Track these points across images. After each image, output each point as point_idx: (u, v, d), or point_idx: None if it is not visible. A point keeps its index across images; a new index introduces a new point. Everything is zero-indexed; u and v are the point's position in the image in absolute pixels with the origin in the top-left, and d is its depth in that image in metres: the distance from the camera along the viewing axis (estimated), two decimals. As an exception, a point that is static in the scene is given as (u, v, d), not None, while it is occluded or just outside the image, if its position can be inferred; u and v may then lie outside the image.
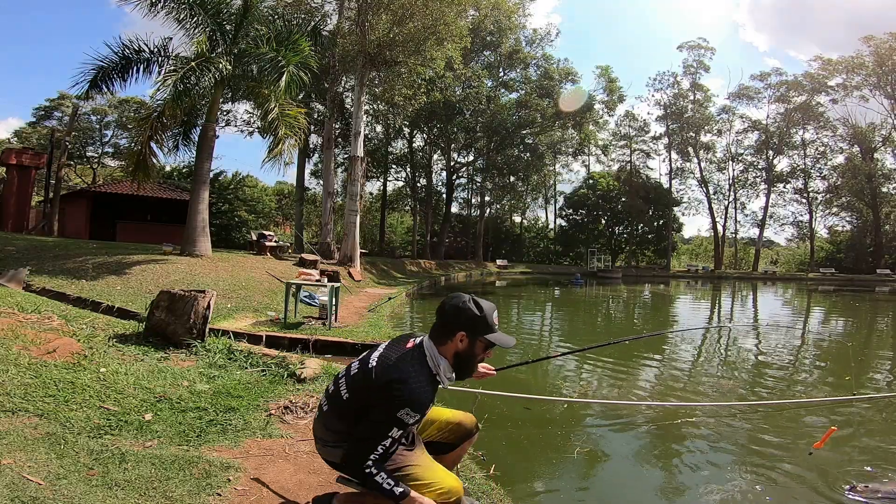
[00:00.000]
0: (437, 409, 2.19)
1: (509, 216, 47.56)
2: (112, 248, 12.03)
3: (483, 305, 1.79)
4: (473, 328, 1.76)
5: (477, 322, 1.76)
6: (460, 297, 1.81)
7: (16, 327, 4.20)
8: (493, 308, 1.81)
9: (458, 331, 1.76)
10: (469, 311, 1.76)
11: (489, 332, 1.78)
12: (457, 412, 2.22)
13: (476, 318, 1.76)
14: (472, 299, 1.80)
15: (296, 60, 10.99)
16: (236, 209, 33.82)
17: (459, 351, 1.78)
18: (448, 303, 1.82)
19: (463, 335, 1.76)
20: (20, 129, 38.60)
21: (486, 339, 1.78)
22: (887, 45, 35.73)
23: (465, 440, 2.18)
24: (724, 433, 4.27)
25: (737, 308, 18.61)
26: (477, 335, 1.77)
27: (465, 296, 1.82)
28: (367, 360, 1.81)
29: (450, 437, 2.14)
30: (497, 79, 33.83)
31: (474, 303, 1.78)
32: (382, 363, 1.76)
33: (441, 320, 1.81)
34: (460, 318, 1.76)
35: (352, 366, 1.88)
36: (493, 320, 1.79)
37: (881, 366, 7.79)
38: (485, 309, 1.78)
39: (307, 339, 6.16)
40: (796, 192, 42.53)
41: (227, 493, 2.43)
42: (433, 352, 1.78)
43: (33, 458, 2.46)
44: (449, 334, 1.77)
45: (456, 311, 1.78)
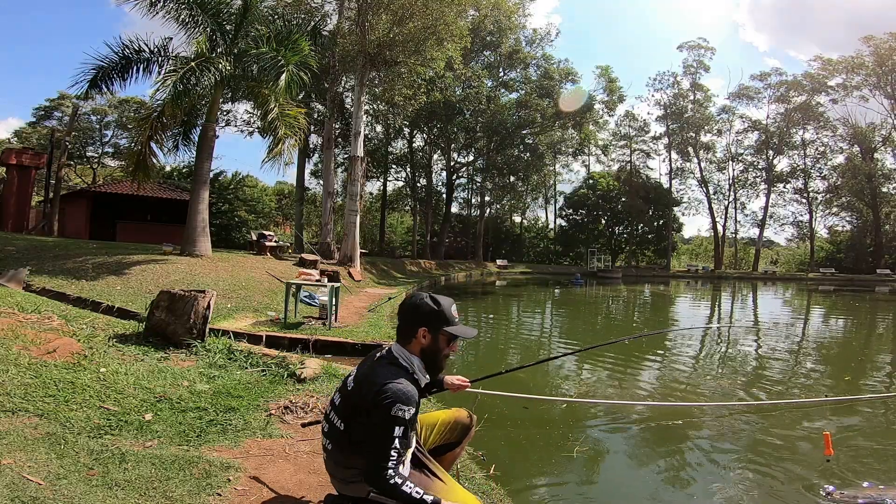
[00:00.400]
0: (433, 414, 2.21)
1: (509, 216, 47.56)
2: (112, 248, 12.03)
3: (440, 300, 1.83)
4: (433, 322, 1.80)
5: (435, 316, 1.80)
6: (418, 295, 1.87)
7: (16, 327, 4.20)
8: (450, 302, 1.85)
9: (418, 327, 1.80)
10: (426, 306, 1.81)
11: (449, 324, 1.82)
12: (450, 410, 2.25)
13: (434, 312, 1.80)
14: (430, 295, 1.85)
15: (295, 60, 10.99)
16: (236, 209, 33.81)
17: (424, 347, 1.81)
18: (406, 302, 1.87)
19: (424, 331, 1.80)
20: (20, 129, 38.62)
21: (448, 332, 1.82)
22: (887, 45, 35.72)
23: (466, 435, 2.20)
24: (723, 433, 4.27)
25: (736, 308, 18.61)
26: (438, 329, 1.80)
27: (423, 294, 1.87)
28: (346, 385, 1.86)
29: (451, 436, 2.16)
30: (497, 79, 33.82)
31: (431, 298, 1.84)
32: (359, 379, 1.80)
33: (402, 320, 1.85)
34: (419, 315, 1.81)
35: (334, 398, 1.91)
36: (451, 313, 1.83)
37: (881, 366, 7.79)
38: (442, 303, 1.82)
39: (307, 339, 6.16)
40: (796, 192, 42.55)
41: (227, 493, 2.43)
42: (402, 353, 1.81)
43: (33, 458, 2.46)
44: (411, 332, 1.81)
45: (414, 308, 1.83)
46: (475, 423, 2.25)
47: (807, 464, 3.63)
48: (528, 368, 7.10)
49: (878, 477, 3.34)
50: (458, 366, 7.19)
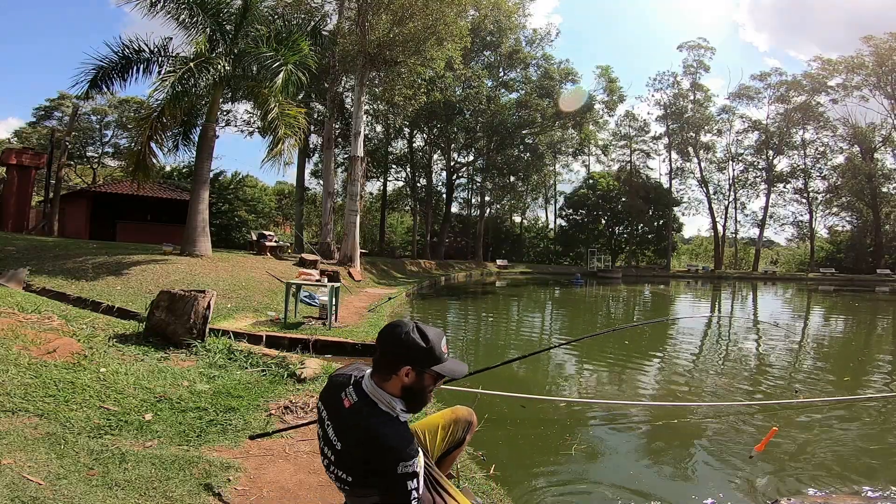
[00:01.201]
0: (431, 419, 2.15)
1: (509, 216, 47.55)
2: (112, 248, 12.03)
3: (429, 334, 1.58)
4: (420, 361, 1.55)
5: (424, 354, 1.55)
6: (402, 326, 1.59)
7: (16, 327, 4.20)
8: (440, 336, 1.61)
9: (402, 365, 1.54)
10: (413, 342, 1.55)
11: (438, 363, 1.57)
12: (447, 410, 2.19)
13: (422, 349, 1.55)
14: (417, 328, 1.58)
15: (294, 60, 10.99)
16: (236, 209, 33.82)
17: (407, 385, 1.56)
18: (389, 333, 1.59)
19: (408, 369, 1.55)
20: (20, 129, 38.62)
21: (436, 372, 1.58)
22: (887, 45, 35.71)
23: (468, 431, 2.16)
24: (721, 433, 4.27)
25: (736, 307, 18.60)
26: (425, 368, 1.56)
27: (408, 324, 1.59)
28: (329, 438, 1.61)
29: (454, 437, 2.12)
30: (497, 79, 33.82)
31: (419, 332, 1.57)
32: (347, 440, 1.56)
33: (382, 353, 1.59)
34: (404, 351, 1.55)
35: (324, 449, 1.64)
36: (441, 350, 1.58)
37: (882, 366, 7.79)
38: (431, 339, 1.57)
39: (307, 339, 6.16)
40: (796, 192, 42.53)
41: (227, 493, 2.43)
42: (379, 394, 1.56)
43: (33, 458, 2.47)
44: (393, 369, 1.55)
45: (398, 343, 1.56)
46: (476, 416, 2.19)
47: (805, 463, 3.63)
48: (527, 368, 7.11)
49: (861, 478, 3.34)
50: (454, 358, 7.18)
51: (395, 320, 1.63)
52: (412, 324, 1.59)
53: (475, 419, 2.19)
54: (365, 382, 1.60)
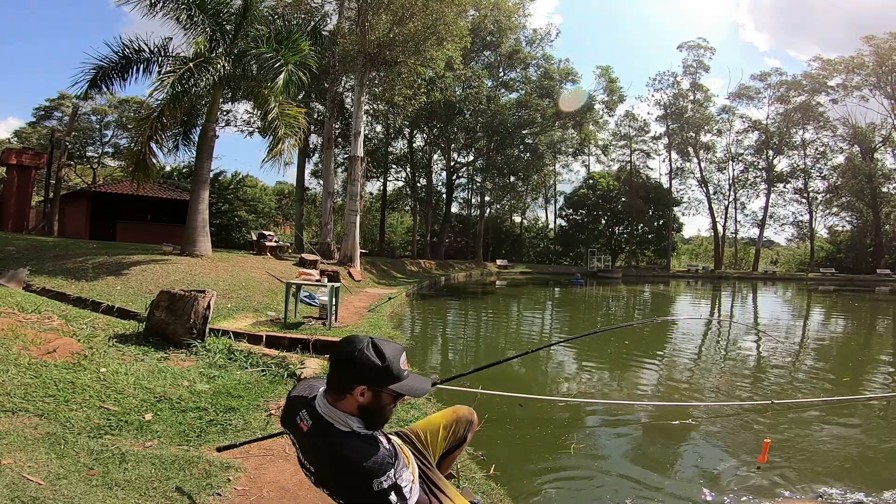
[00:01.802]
0: (432, 419, 2.12)
1: (509, 216, 47.55)
2: (112, 248, 12.03)
3: (385, 351, 1.45)
4: (375, 381, 1.43)
5: (379, 373, 1.43)
6: (356, 343, 1.46)
7: (16, 327, 4.20)
8: (398, 351, 1.49)
9: (356, 385, 1.43)
10: (367, 361, 1.43)
11: (396, 381, 1.45)
12: (449, 410, 2.17)
13: (377, 368, 1.43)
14: (371, 344, 1.46)
15: (294, 60, 10.99)
16: (236, 209, 33.82)
17: (363, 405, 1.45)
18: (342, 351, 1.47)
19: (364, 389, 1.43)
20: (20, 129, 38.63)
21: (394, 391, 1.46)
22: (887, 45, 35.70)
23: (469, 431, 2.14)
24: (720, 433, 4.27)
25: (736, 308, 18.61)
26: (382, 387, 1.45)
27: (363, 340, 1.47)
28: (305, 466, 1.54)
29: (455, 438, 2.10)
30: (497, 79, 33.81)
31: (374, 349, 1.45)
32: (316, 462, 1.49)
33: (335, 371, 1.48)
34: (358, 371, 1.43)
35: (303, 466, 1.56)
36: (398, 367, 1.46)
37: (881, 366, 7.80)
38: (388, 356, 1.45)
39: (307, 339, 6.15)
40: (796, 192, 42.52)
41: (227, 493, 2.43)
42: (334, 415, 1.45)
43: (33, 458, 2.47)
44: (346, 388, 1.44)
45: (352, 363, 1.44)
46: (476, 416, 2.17)
47: (801, 463, 3.64)
48: (527, 368, 7.11)
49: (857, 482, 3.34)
50: (456, 367, 7.20)
51: (349, 336, 1.51)
52: (367, 340, 1.47)
53: (476, 419, 2.17)
54: (318, 402, 1.49)
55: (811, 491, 3.19)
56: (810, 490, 3.20)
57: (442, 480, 1.88)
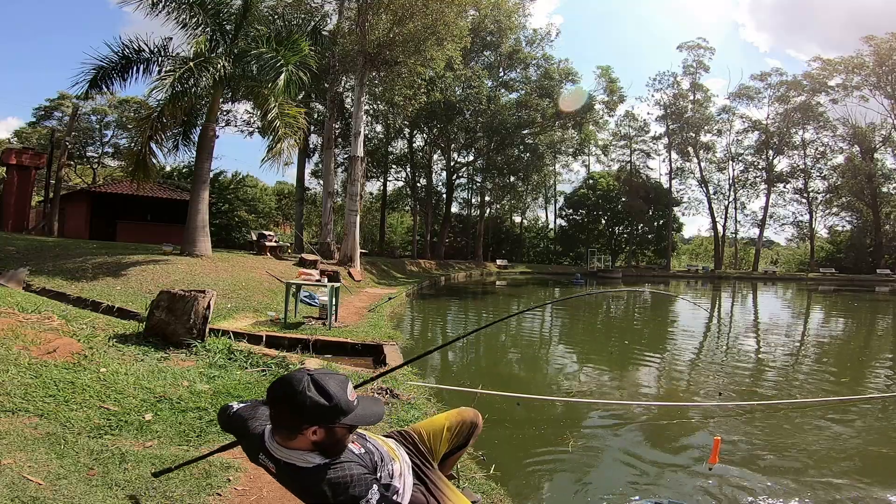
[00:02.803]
0: (436, 420, 2.12)
1: (509, 216, 47.54)
2: (112, 249, 12.03)
3: (329, 388, 1.34)
4: (326, 420, 1.34)
5: (328, 412, 1.33)
6: (294, 382, 1.34)
7: (16, 327, 4.20)
8: (342, 384, 1.38)
9: (306, 427, 1.34)
10: (313, 405, 1.32)
11: (346, 414, 1.36)
12: (454, 412, 2.16)
13: (323, 408, 1.32)
14: (313, 382, 1.34)
15: (294, 60, 10.99)
16: (236, 209, 33.82)
17: (318, 442, 1.37)
18: (281, 395, 1.35)
19: (315, 428, 1.35)
20: (20, 129, 38.64)
21: (346, 424, 1.37)
22: (887, 45, 35.70)
23: (473, 434, 2.14)
24: (718, 432, 4.27)
25: (736, 307, 18.61)
26: (334, 424, 1.36)
27: (302, 381, 1.34)
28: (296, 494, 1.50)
29: (458, 439, 2.10)
30: (497, 79, 33.79)
31: (316, 387, 1.33)
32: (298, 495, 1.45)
33: (279, 417, 1.38)
34: (304, 415, 1.33)
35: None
36: (347, 401, 1.36)
37: (881, 366, 7.80)
38: (333, 393, 1.34)
39: (307, 339, 6.16)
40: (796, 192, 42.55)
41: (227, 493, 2.43)
42: (290, 454, 1.38)
43: (33, 458, 2.47)
44: (297, 430, 1.35)
45: (295, 407, 1.32)
46: (481, 419, 2.17)
47: (798, 462, 3.64)
48: (526, 368, 7.11)
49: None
50: (456, 367, 7.20)
51: (284, 376, 1.40)
52: (307, 379, 1.35)
53: (480, 421, 2.17)
54: (269, 445, 1.42)
55: (810, 492, 3.19)
56: (809, 491, 3.20)
57: (442, 480, 1.88)
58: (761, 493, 3.14)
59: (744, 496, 3.11)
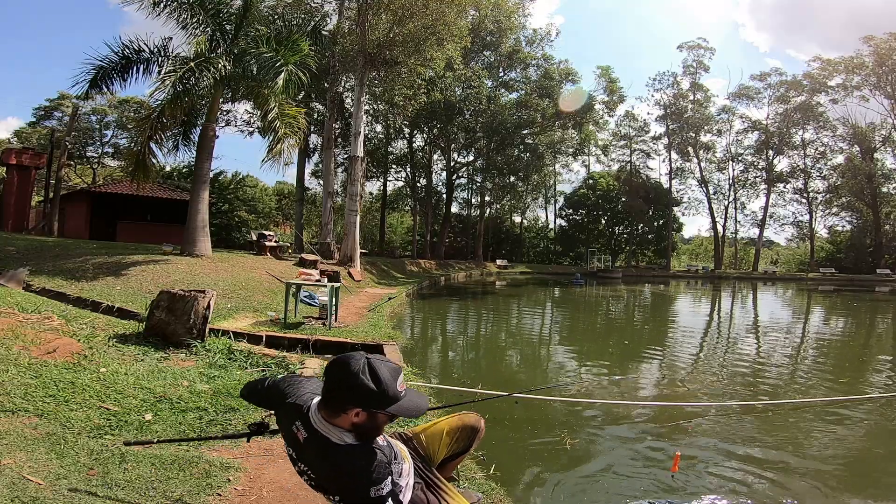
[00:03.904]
0: (437, 424, 2.10)
1: (509, 216, 47.53)
2: (112, 249, 12.03)
3: (381, 373, 1.40)
4: (371, 404, 1.40)
5: (375, 398, 1.39)
6: (352, 363, 1.41)
7: (16, 327, 4.20)
8: (394, 373, 1.44)
9: (351, 407, 1.40)
10: (363, 387, 1.38)
11: (391, 404, 1.41)
12: (455, 416, 2.13)
13: (372, 393, 1.38)
14: (368, 365, 1.41)
15: (294, 60, 10.99)
16: (236, 209, 33.83)
17: (357, 424, 1.42)
18: (337, 373, 1.42)
19: (358, 410, 1.40)
20: (20, 129, 38.64)
21: (388, 413, 1.44)
22: (887, 45, 35.70)
23: (474, 439, 2.11)
24: (717, 432, 4.27)
25: (736, 307, 18.61)
26: (377, 410, 1.42)
27: (359, 362, 1.41)
28: (305, 471, 1.54)
29: (458, 445, 2.07)
30: (497, 79, 33.80)
31: (370, 371, 1.40)
32: (316, 469, 1.49)
33: (330, 390, 1.44)
34: (352, 396, 1.39)
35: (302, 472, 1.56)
36: (395, 390, 1.42)
37: (881, 366, 7.80)
38: (384, 380, 1.40)
39: (307, 339, 6.15)
40: (796, 192, 42.54)
41: (227, 493, 2.43)
42: (329, 429, 1.43)
43: (33, 458, 2.47)
44: (341, 409, 1.41)
45: (346, 386, 1.40)
46: (483, 424, 2.13)
47: (795, 463, 3.64)
48: (526, 367, 7.11)
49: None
50: (457, 367, 7.21)
51: (344, 356, 1.47)
52: (363, 362, 1.42)
53: (482, 426, 2.14)
54: (312, 416, 1.47)
55: (810, 492, 3.19)
56: (809, 490, 3.20)
57: (442, 481, 1.88)
58: (761, 493, 3.14)
59: (743, 496, 3.10)
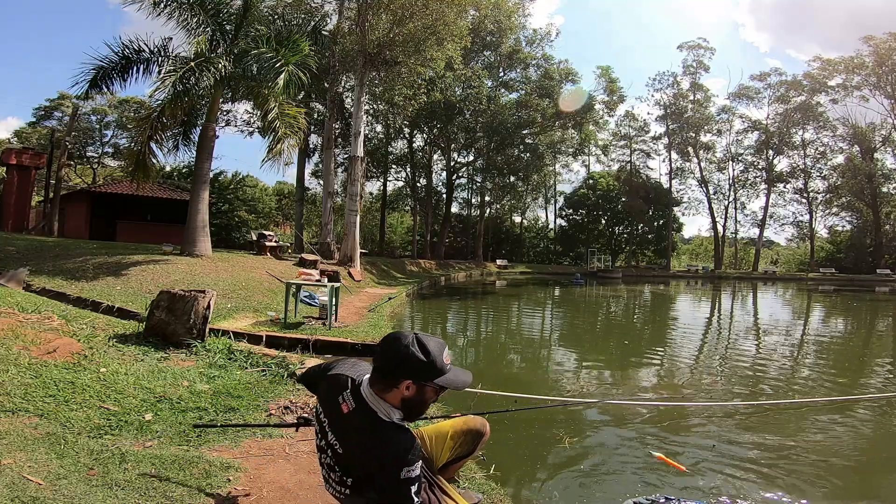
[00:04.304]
0: (441, 426, 2.11)
1: (509, 216, 47.52)
2: (112, 249, 12.03)
3: (429, 346, 1.52)
4: (421, 375, 1.51)
5: (425, 368, 1.51)
6: (401, 339, 1.54)
7: (16, 327, 4.20)
8: (441, 347, 1.56)
9: (402, 380, 1.51)
10: (414, 357, 1.50)
11: (439, 376, 1.53)
12: (459, 419, 2.12)
13: (423, 364, 1.50)
14: (417, 340, 1.53)
15: (295, 60, 11.00)
16: (236, 209, 33.84)
17: (407, 398, 1.53)
18: (388, 346, 1.54)
19: (409, 383, 1.51)
20: (20, 129, 38.65)
21: (438, 384, 1.54)
22: (887, 45, 35.70)
23: (478, 444, 2.10)
24: (717, 432, 4.27)
25: (736, 307, 18.61)
26: (426, 382, 1.53)
27: (408, 336, 1.54)
28: (333, 446, 1.59)
29: (462, 449, 2.06)
30: (497, 79, 33.79)
31: (419, 345, 1.52)
32: (349, 443, 1.55)
33: (383, 365, 1.54)
34: (405, 367, 1.50)
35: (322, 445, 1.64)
36: (442, 362, 1.54)
37: (881, 366, 7.79)
38: (432, 352, 1.52)
39: (307, 339, 6.16)
40: (796, 192, 42.55)
41: (227, 493, 2.43)
42: (379, 404, 1.53)
43: (33, 458, 2.47)
44: (393, 382, 1.52)
45: (397, 358, 1.51)
46: (489, 428, 2.12)
47: (794, 463, 3.64)
48: (526, 367, 7.11)
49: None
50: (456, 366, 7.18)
51: (395, 332, 1.59)
52: (412, 336, 1.54)
53: (488, 430, 2.13)
54: (364, 389, 1.57)
55: (810, 492, 3.19)
56: (809, 490, 3.20)
57: (443, 482, 1.88)
58: (760, 493, 3.14)
59: (743, 496, 3.11)
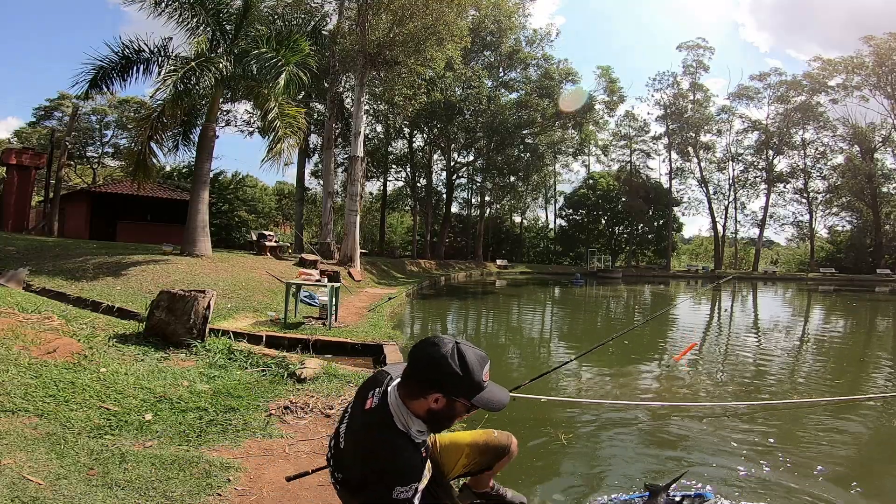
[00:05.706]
0: (459, 435, 1.94)
1: (509, 216, 47.52)
2: (112, 249, 12.03)
3: (469, 359, 1.34)
4: (455, 390, 1.35)
5: (458, 383, 1.34)
6: (440, 345, 1.36)
7: (16, 327, 4.20)
8: (482, 361, 1.38)
9: (432, 391, 1.35)
10: (448, 370, 1.32)
11: (475, 393, 1.36)
12: (482, 433, 1.95)
13: (458, 378, 1.33)
14: (456, 350, 1.35)
15: (295, 60, 11.00)
16: (236, 209, 33.85)
17: (434, 410, 1.37)
18: (423, 352, 1.37)
19: (439, 396, 1.35)
20: (20, 129, 38.65)
21: (469, 403, 1.38)
22: (887, 45, 35.70)
23: (500, 459, 1.92)
24: (717, 432, 4.27)
25: (736, 308, 18.60)
26: (458, 397, 1.36)
27: (447, 345, 1.36)
28: (339, 438, 1.50)
29: (481, 460, 1.89)
30: (497, 79, 33.80)
31: (458, 356, 1.34)
32: (351, 439, 1.45)
33: (414, 372, 1.38)
34: (437, 378, 1.34)
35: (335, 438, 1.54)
36: (480, 378, 1.36)
37: (881, 366, 7.79)
38: (471, 365, 1.34)
39: (307, 339, 6.15)
40: (796, 192, 42.55)
41: (227, 493, 2.43)
42: (401, 411, 1.38)
43: (33, 458, 2.47)
44: (422, 392, 1.36)
45: (430, 367, 1.34)
46: (515, 443, 1.93)
47: (792, 462, 3.63)
48: (525, 366, 7.10)
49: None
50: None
51: (433, 337, 1.40)
52: (452, 344, 1.36)
53: (515, 447, 1.95)
54: (391, 392, 1.42)
55: (809, 491, 3.19)
56: (808, 490, 3.20)
57: (447, 493, 1.80)
58: (760, 492, 3.14)
59: (742, 495, 3.10)
